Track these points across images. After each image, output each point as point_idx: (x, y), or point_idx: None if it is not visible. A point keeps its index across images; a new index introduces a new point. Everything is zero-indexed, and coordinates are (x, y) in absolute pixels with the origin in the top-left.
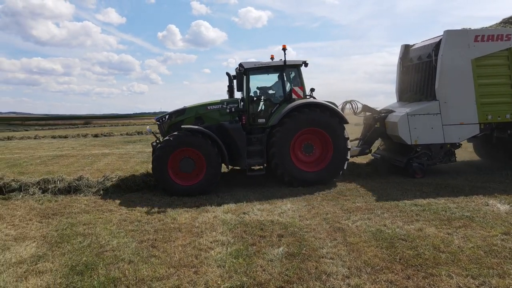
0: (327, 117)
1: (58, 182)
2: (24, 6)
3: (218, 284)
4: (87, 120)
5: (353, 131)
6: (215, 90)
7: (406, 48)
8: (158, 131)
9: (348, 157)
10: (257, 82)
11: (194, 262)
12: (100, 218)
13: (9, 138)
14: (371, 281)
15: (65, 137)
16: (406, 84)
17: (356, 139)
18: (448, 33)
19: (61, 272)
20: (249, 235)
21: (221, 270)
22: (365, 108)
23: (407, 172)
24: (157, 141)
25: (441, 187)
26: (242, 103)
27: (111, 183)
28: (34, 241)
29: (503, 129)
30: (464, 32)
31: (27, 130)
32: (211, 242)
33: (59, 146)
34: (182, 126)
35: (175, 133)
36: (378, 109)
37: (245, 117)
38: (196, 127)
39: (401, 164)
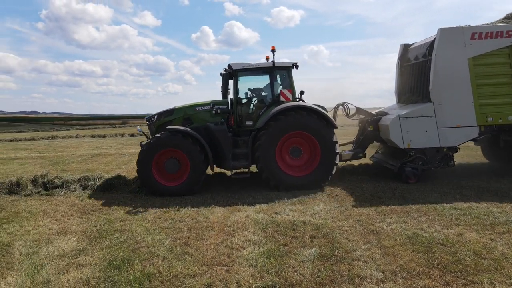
0: (313, 121)
1: (97, 180)
2: (67, 12)
3: (249, 283)
4: (124, 120)
5: (349, 133)
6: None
7: (405, 48)
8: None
9: (337, 162)
10: (252, 83)
11: (226, 260)
12: (136, 215)
13: (53, 137)
14: (406, 286)
15: (104, 136)
16: (405, 85)
17: (349, 143)
18: (442, 31)
19: (100, 266)
20: (281, 235)
21: (253, 269)
22: (359, 110)
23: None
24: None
25: (484, 190)
26: (230, 105)
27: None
28: (75, 235)
29: (509, 132)
30: (459, 29)
31: (69, 130)
32: (243, 241)
33: (98, 145)
34: (167, 127)
35: (159, 134)
36: (373, 112)
37: (232, 118)
38: (181, 127)
39: (395, 168)
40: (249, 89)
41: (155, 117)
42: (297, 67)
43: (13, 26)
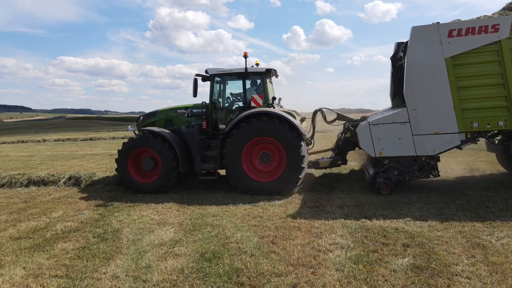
0: (276, 126)
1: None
2: (170, 20)
3: None
4: None
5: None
6: (339, 89)
7: (398, 46)
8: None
9: (304, 166)
10: (229, 88)
11: (312, 262)
12: (226, 211)
13: None
14: None
15: None
16: (397, 88)
17: (329, 150)
18: (414, 29)
19: (193, 257)
20: (370, 241)
21: (340, 274)
22: (339, 116)
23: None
24: None
25: None
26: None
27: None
28: (172, 227)
29: None
30: (434, 27)
31: None
32: (330, 244)
33: None
34: (141, 128)
35: (135, 135)
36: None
37: (205, 122)
38: (154, 128)
39: (368, 179)
40: (230, 93)
41: (141, 118)
42: (276, 76)
43: (126, 36)
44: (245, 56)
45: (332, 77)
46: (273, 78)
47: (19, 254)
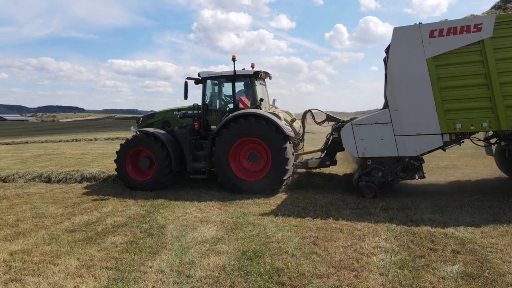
0: (262, 127)
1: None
2: (213, 22)
3: None
4: None
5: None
6: (383, 88)
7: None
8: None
9: (288, 167)
10: (218, 90)
11: (354, 265)
12: (267, 210)
13: None
14: None
15: None
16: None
17: (318, 150)
18: (396, 30)
19: (235, 255)
20: (417, 246)
21: (384, 278)
22: (328, 117)
23: None
24: None
25: None
26: (199, 110)
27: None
28: (215, 224)
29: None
30: (415, 28)
31: None
32: (373, 247)
33: None
34: (138, 129)
35: (133, 135)
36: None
37: (197, 123)
38: (149, 129)
39: (354, 181)
40: (224, 96)
41: (140, 119)
42: (270, 77)
43: (172, 38)
44: (233, 60)
45: (376, 76)
46: (267, 80)
47: (73, 245)
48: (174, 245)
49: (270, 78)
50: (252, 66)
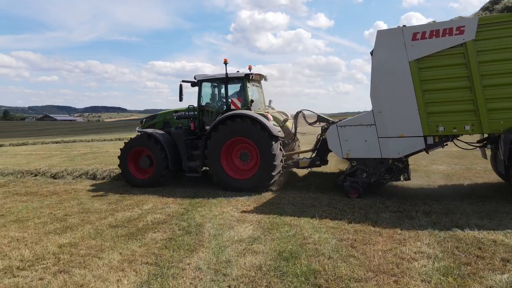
0: (249, 127)
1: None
2: (251, 23)
3: None
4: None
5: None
6: None
7: None
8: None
9: (275, 166)
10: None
11: (394, 270)
12: (304, 211)
13: None
14: None
15: None
16: None
17: (309, 150)
18: (379, 33)
19: (271, 255)
20: (462, 252)
21: (426, 285)
22: (319, 118)
23: None
24: None
25: None
26: (194, 112)
27: (318, 180)
28: (251, 224)
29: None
30: (398, 30)
31: None
32: (414, 253)
33: None
34: (139, 130)
35: (136, 135)
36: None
37: (193, 124)
38: (148, 130)
39: (339, 181)
40: (221, 97)
41: (144, 120)
42: (265, 79)
43: (210, 39)
44: (225, 63)
45: None
46: (263, 81)
47: (116, 240)
48: (211, 243)
49: (265, 80)
50: (249, 69)
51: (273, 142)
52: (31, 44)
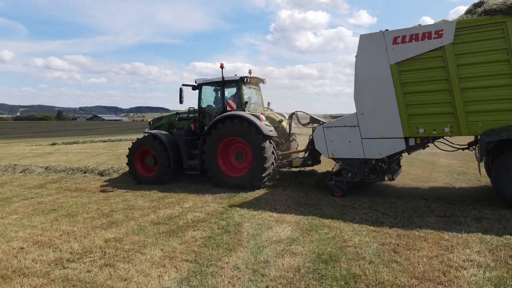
0: (242, 127)
1: (311, 177)
2: (291, 22)
3: None
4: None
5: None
6: None
7: None
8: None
9: (266, 165)
10: (213, 95)
11: (441, 278)
12: (344, 213)
13: None
14: None
15: None
16: None
17: (302, 151)
18: (362, 37)
19: (309, 257)
20: None
21: None
22: (312, 119)
23: None
24: None
25: None
26: (194, 114)
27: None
28: (290, 225)
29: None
30: (379, 35)
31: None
32: (463, 261)
33: None
34: (144, 131)
35: (143, 136)
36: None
37: (193, 125)
38: (152, 131)
39: (326, 180)
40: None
41: (151, 122)
42: (263, 82)
43: (250, 40)
44: (221, 67)
45: None
46: (261, 84)
47: (158, 237)
48: (250, 243)
49: (263, 83)
50: (250, 72)
51: (265, 143)
52: (82, 48)
